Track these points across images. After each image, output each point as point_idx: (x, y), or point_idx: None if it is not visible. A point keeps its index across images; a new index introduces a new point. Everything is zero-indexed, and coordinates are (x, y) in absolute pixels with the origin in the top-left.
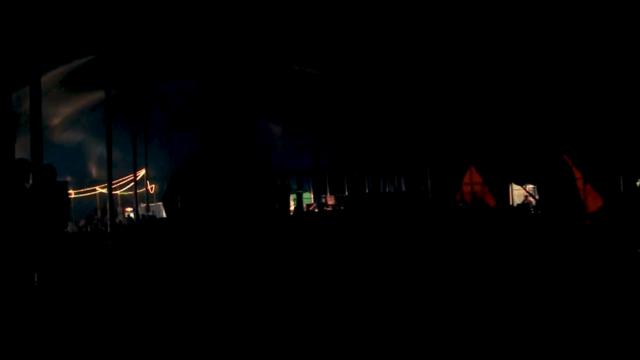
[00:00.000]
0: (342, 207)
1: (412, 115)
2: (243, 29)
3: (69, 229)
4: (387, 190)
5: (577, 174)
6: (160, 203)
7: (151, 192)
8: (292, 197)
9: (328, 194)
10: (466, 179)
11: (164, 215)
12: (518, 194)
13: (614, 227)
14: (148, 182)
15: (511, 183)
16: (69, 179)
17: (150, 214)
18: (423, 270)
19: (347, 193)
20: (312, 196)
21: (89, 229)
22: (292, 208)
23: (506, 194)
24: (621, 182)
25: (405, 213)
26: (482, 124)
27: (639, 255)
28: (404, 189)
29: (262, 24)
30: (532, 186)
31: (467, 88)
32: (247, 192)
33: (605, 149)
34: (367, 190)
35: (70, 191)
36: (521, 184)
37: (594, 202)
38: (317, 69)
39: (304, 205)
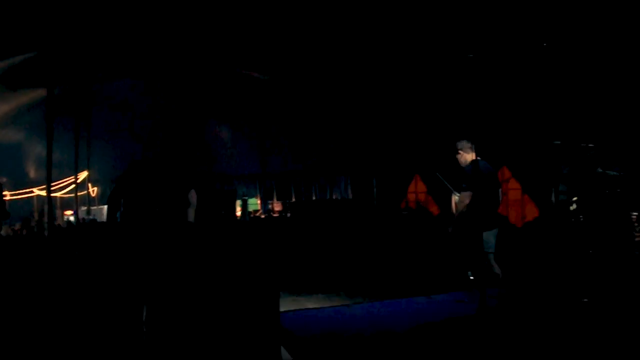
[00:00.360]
0: (288, 214)
1: (359, 123)
2: (191, 31)
3: (2, 232)
4: (334, 197)
5: (516, 185)
6: (102, 207)
7: (93, 195)
8: (239, 202)
9: (275, 200)
10: (411, 188)
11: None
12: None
13: (548, 236)
14: (90, 184)
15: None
16: (4, 179)
17: (91, 217)
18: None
19: (294, 199)
20: (258, 202)
21: (24, 233)
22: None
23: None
24: (555, 194)
25: (351, 221)
26: (427, 133)
27: (570, 263)
28: (350, 197)
29: (209, 26)
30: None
31: (413, 98)
32: (187, 197)
33: (542, 162)
34: (314, 197)
35: (5, 192)
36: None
37: (530, 212)
38: (267, 75)
39: (251, 211)
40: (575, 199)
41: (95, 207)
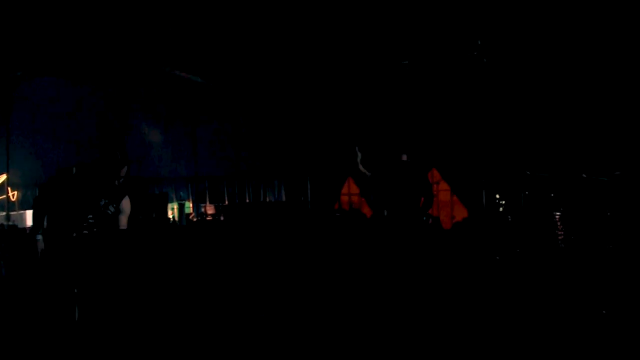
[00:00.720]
0: (221, 217)
1: (293, 126)
2: (120, 28)
3: None
4: (268, 199)
5: (446, 186)
6: (22, 212)
7: (13, 200)
8: (177, 206)
9: (208, 203)
10: (345, 190)
11: (30, 224)
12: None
13: (476, 236)
14: (10, 188)
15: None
16: None
17: (10, 223)
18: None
19: (227, 202)
20: (191, 205)
21: None
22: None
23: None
24: (484, 195)
25: (284, 223)
26: (358, 136)
27: (497, 261)
28: (284, 199)
29: (140, 23)
30: None
31: (346, 102)
32: (119, 201)
33: (471, 165)
34: (247, 200)
35: None
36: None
37: (459, 213)
38: (201, 77)
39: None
40: (502, 201)
41: (15, 213)
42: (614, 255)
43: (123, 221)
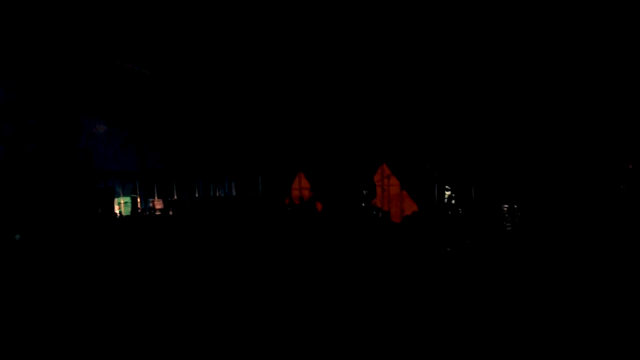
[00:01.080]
0: (170, 212)
1: (244, 121)
2: (61, 17)
3: None
4: (218, 194)
5: (396, 181)
6: None
7: None
8: (124, 200)
9: (156, 198)
10: (295, 185)
11: None
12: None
13: (427, 229)
14: None
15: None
16: None
17: None
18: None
19: (176, 197)
20: (138, 200)
21: None
22: (119, 212)
23: (334, 199)
24: (436, 190)
25: (235, 217)
26: (310, 132)
27: (448, 253)
28: (234, 194)
29: (84, 12)
30: None
31: (296, 97)
32: (60, 196)
33: (420, 161)
34: (197, 195)
35: None
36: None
37: (409, 207)
38: (148, 69)
39: (129, 209)
40: (452, 194)
41: None
42: (560, 245)
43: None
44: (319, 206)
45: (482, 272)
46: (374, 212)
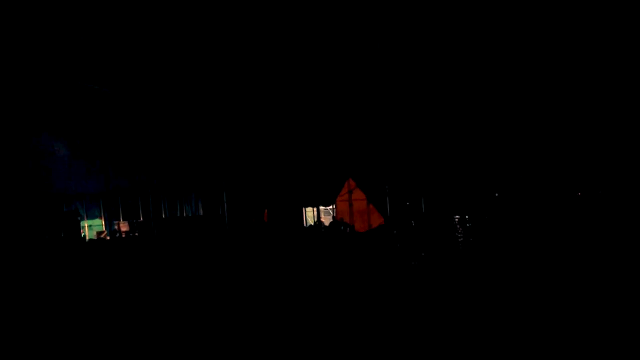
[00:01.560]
0: (136, 234)
1: (209, 138)
2: (21, 36)
3: None
4: (185, 214)
5: (362, 195)
6: None
7: None
8: (88, 223)
9: (121, 220)
10: (263, 202)
11: None
12: (309, 215)
13: (391, 241)
14: None
15: (305, 206)
16: None
17: None
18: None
19: (142, 218)
20: (102, 223)
21: None
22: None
23: (300, 215)
24: (387, 202)
25: (203, 237)
26: (275, 151)
27: (413, 267)
28: (201, 213)
29: (46, 33)
30: (323, 208)
31: (263, 116)
32: (19, 221)
33: (382, 176)
34: (163, 215)
35: None
36: (314, 205)
37: (376, 220)
38: (110, 88)
39: (94, 232)
40: (406, 207)
41: None
42: (510, 254)
43: None
44: (286, 222)
45: (435, 283)
46: (342, 227)
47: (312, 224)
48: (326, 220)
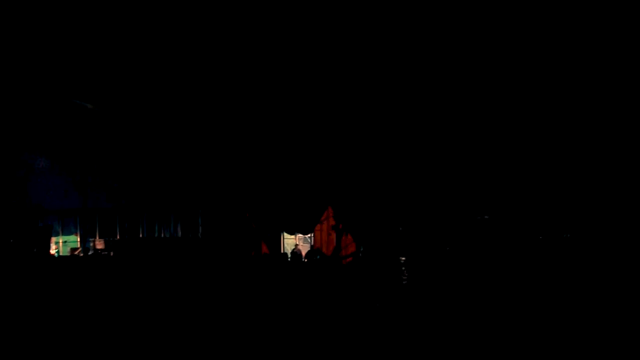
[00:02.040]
0: (111, 253)
1: (190, 158)
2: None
3: None
4: (163, 235)
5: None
6: None
7: None
8: (63, 239)
9: (97, 238)
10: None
11: None
12: (290, 242)
13: (366, 270)
14: None
15: (283, 232)
16: None
17: None
18: None
19: (118, 237)
20: (78, 239)
21: None
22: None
23: (278, 242)
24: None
25: (178, 260)
26: (255, 176)
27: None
28: (179, 235)
29: (28, 47)
30: (301, 235)
31: (238, 139)
32: None
33: (356, 205)
34: (141, 235)
35: None
36: (291, 233)
37: (352, 248)
38: (93, 104)
39: (68, 249)
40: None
41: None
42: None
43: None
44: (265, 249)
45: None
46: (317, 257)
47: (290, 251)
48: (304, 248)
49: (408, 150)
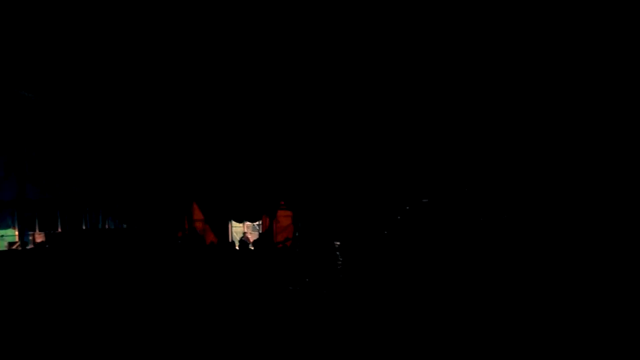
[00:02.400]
0: (47, 246)
1: (134, 148)
2: None
3: None
4: (107, 227)
5: (288, 212)
6: None
7: None
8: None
9: (37, 231)
10: (188, 216)
11: None
12: (238, 230)
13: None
14: None
15: (231, 221)
16: None
17: None
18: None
19: (60, 230)
20: (16, 233)
21: None
22: None
23: (226, 230)
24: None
25: (123, 252)
26: (202, 163)
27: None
28: (125, 226)
29: None
30: (250, 223)
31: (191, 129)
32: None
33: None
34: (84, 227)
35: None
36: (240, 221)
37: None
38: (33, 93)
39: (5, 244)
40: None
41: None
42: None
43: None
44: (213, 238)
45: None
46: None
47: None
48: (252, 236)
49: (346, 135)
